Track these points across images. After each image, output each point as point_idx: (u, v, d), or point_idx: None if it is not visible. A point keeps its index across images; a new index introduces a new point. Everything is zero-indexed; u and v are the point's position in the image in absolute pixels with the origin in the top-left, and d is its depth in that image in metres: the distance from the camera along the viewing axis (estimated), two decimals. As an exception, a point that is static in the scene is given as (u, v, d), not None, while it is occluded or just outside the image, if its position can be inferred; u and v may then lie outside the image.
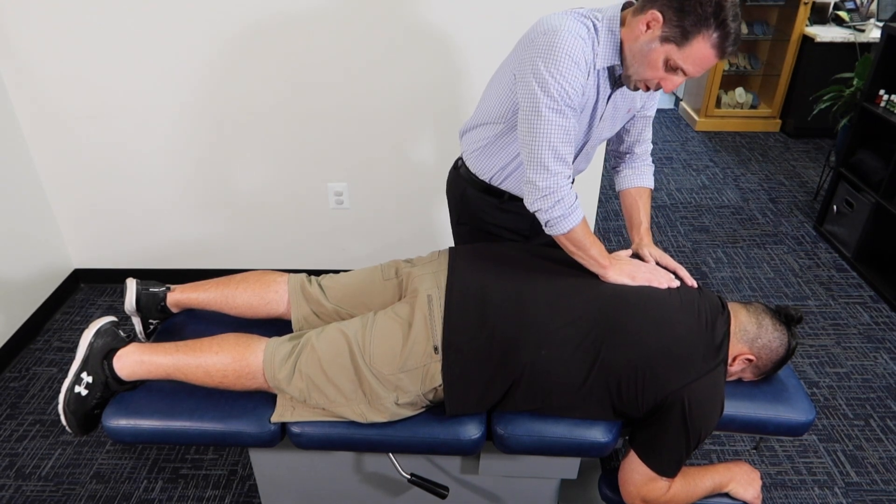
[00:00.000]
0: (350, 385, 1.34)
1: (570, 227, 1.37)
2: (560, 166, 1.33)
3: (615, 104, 1.46)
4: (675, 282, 1.42)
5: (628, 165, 1.67)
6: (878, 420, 2.17)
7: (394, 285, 1.52)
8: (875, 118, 2.89)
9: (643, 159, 1.66)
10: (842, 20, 4.25)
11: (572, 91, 1.28)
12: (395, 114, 2.42)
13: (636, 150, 1.65)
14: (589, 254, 1.39)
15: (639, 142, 1.64)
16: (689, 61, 1.21)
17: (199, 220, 2.66)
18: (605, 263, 1.40)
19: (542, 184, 1.34)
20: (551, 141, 1.31)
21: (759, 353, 1.38)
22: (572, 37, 1.26)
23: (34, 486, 1.91)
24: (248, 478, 1.94)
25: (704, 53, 1.19)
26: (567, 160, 1.34)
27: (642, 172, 1.66)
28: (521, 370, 1.31)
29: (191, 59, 2.30)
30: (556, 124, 1.30)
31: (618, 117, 1.51)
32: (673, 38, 1.20)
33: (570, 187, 1.37)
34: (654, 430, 1.30)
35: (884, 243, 2.91)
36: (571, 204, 1.36)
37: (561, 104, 1.28)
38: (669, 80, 1.27)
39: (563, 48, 1.25)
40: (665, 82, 1.27)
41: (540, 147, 1.31)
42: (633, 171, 1.66)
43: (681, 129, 4.66)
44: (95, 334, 1.42)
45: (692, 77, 1.27)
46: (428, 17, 2.24)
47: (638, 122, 1.60)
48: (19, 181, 2.45)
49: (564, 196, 1.35)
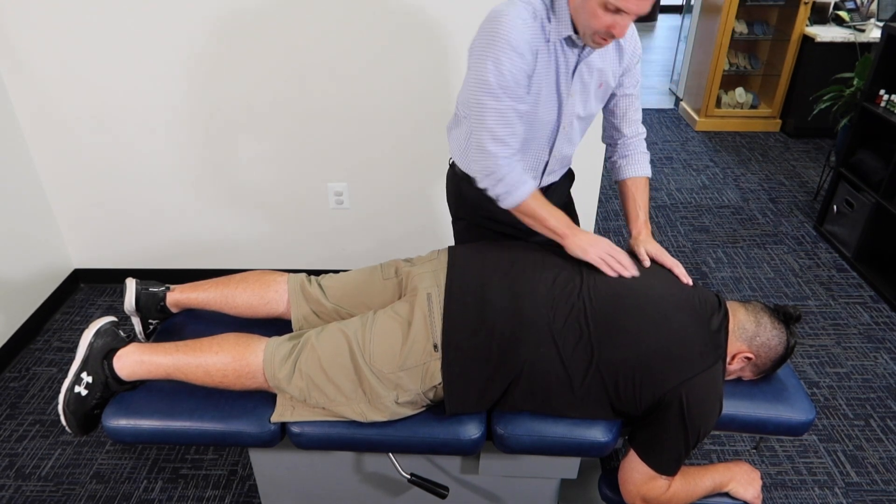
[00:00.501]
0: (350, 384, 1.34)
1: (517, 201, 1.43)
2: (497, 147, 1.40)
3: (582, 78, 1.45)
4: (627, 271, 1.40)
5: (621, 154, 1.65)
6: (879, 420, 2.17)
7: (393, 284, 1.52)
8: (875, 118, 2.89)
9: (635, 146, 1.64)
10: (842, 20, 4.25)
11: (510, 75, 1.33)
12: (395, 114, 2.42)
13: (625, 132, 1.63)
14: (546, 224, 1.44)
15: (625, 122, 1.62)
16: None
17: (198, 220, 2.66)
18: (562, 233, 1.43)
19: (483, 163, 1.42)
20: (488, 124, 1.37)
21: (758, 351, 1.38)
22: (511, 22, 1.31)
23: (34, 486, 1.91)
24: (248, 478, 1.94)
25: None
26: (507, 141, 1.40)
27: (636, 161, 1.63)
28: (521, 368, 1.31)
29: (190, 60, 2.30)
30: (491, 108, 1.36)
31: (589, 93, 1.50)
32: None
33: (510, 165, 1.42)
34: (653, 429, 1.30)
35: (884, 243, 2.91)
36: (514, 181, 1.42)
37: (496, 89, 1.33)
38: (616, 24, 1.27)
39: (501, 34, 1.31)
40: (614, 28, 1.28)
41: (478, 130, 1.39)
42: (626, 161, 1.64)
43: (681, 129, 4.66)
44: (95, 334, 1.42)
45: (636, 13, 1.26)
46: (428, 17, 2.24)
47: (621, 102, 1.59)
48: (19, 181, 2.45)
49: (505, 174, 1.41)
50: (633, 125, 1.63)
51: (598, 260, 1.40)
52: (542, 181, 1.65)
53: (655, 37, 7.29)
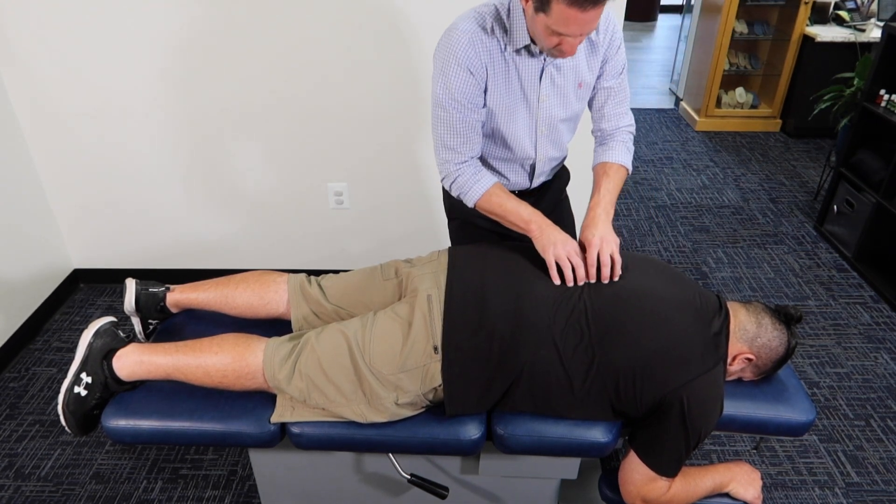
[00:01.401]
0: (350, 385, 1.34)
1: (473, 200, 1.49)
2: (448, 154, 1.48)
3: (553, 81, 1.45)
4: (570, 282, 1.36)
5: (599, 143, 1.61)
6: (879, 420, 2.16)
7: (393, 285, 1.51)
8: (875, 118, 2.89)
9: (614, 137, 1.58)
10: (842, 20, 4.25)
11: (458, 92, 1.39)
12: (395, 114, 2.42)
13: (602, 126, 1.58)
14: (507, 219, 1.47)
15: (602, 117, 1.57)
16: (562, 25, 1.22)
17: (198, 220, 2.66)
18: (528, 228, 1.43)
19: (440, 167, 1.52)
20: (438, 132, 1.46)
21: (759, 352, 1.38)
22: (460, 40, 1.36)
23: (34, 486, 1.91)
24: (248, 478, 1.94)
25: (567, 13, 1.20)
26: (457, 149, 1.47)
27: (611, 148, 1.57)
28: (521, 370, 1.31)
29: (191, 60, 2.30)
30: (440, 118, 1.44)
31: (566, 94, 1.49)
32: (540, 8, 1.23)
33: (461, 169, 1.49)
34: (653, 430, 1.30)
35: (884, 243, 2.91)
36: (465, 182, 1.49)
37: (445, 103, 1.41)
38: (565, 42, 1.27)
39: (450, 52, 1.37)
40: (563, 46, 1.28)
41: (434, 136, 1.48)
42: (602, 149, 1.59)
43: (681, 129, 4.66)
44: (95, 334, 1.42)
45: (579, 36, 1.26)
46: (428, 18, 2.24)
47: (599, 95, 1.56)
48: (19, 181, 2.45)
49: (457, 177, 1.49)
50: (611, 119, 1.58)
51: (550, 261, 1.38)
52: (533, 183, 1.65)
53: (655, 37, 7.29)
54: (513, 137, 1.51)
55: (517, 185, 1.64)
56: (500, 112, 1.46)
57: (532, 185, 1.66)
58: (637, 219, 3.45)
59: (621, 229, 3.34)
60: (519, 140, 1.52)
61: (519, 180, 1.63)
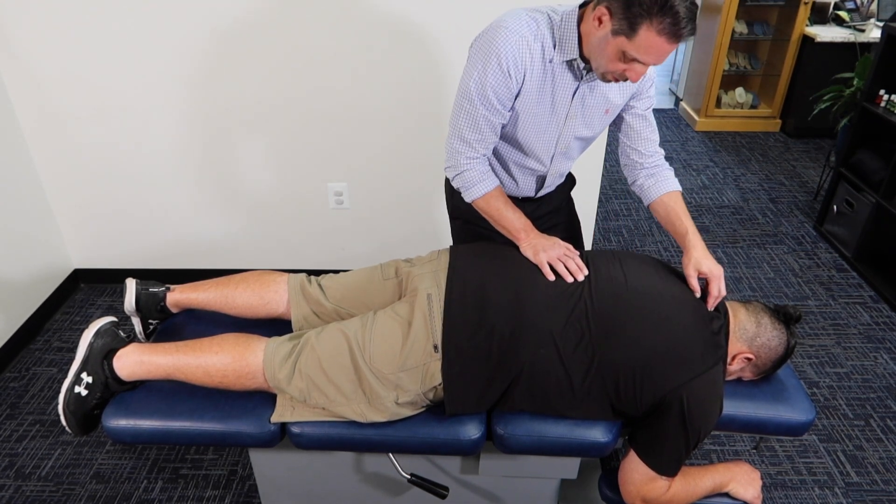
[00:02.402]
0: (350, 385, 1.34)
1: (472, 198, 1.51)
2: (463, 146, 1.46)
3: (584, 101, 1.44)
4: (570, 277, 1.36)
5: (647, 175, 1.59)
6: (879, 420, 2.16)
7: (393, 285, 1.52)
8: (875, 118, 2.89)
9: (658, 165, 1.59)
10: (842, 20, 4.25)
11: (490, 90, 1.36)
12: (395, 114, 2.42)
13: (644, 151, 1.58)
14: (501, 223, 1.49)
15: (642, 141, 1.57)
16: (642, 51, 1.20)
17: (199, 220, 2.66)
18: (517, 234, 1.46)
19: (449, 155, 1.50)
20: (459, 124, 1.44)
21: (759, 351, 1.38)
22: (508, 38, 1.31)
23: (34, 486, 1.91)
24: (248, 478, 1.94)
25: (655, 42, 1.18)
26: (473, 144, 1.46)
27: (664, 178, 1.57)
28: (520, 369, 1.31)
29: (190, 60, 2.30)
30: (466, 112, 1.42)
31: (593, 116, 1.49)
32: (622, 30, 1.20)
33: (471, 164, 1.48)
34: (653, 430, 1.30)
35: (884, 243, 2.91)
36: (472, 178, 1.49)
37: (475, 97, 1.38)
38: (632, 69, 1.26)
39: (494, 48, 1.32)
40: (629, 73, 1.27)
41: (453, 125, 1.46)
42: (654, 181, 1.58)
43: (681, 129, 4.66)
44: (95, 334, 1.42)
45: (654, 64, 1.25)
46: (429, 18, 2.24)
47: (634, 123, 1.55)
48: (19, 181, 2.45)
49: (464, 171, 1.49)
50: (651, 144, 1.58)
51: (544, 264, 1.40)
52: (540, 193, 1.66)
53: (655, 37, 7.28)
54: (531, 147, 1.51)
55: (524, 192, 1.65)
56: (526, 119, 1.44)
57: (537, 194, 1.67)
58: (637, 219, 3.46)
59: (621, 229, 3.34)
60: (537, 151, 1.52)
61: (527, 188, 1.64)
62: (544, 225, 1.75)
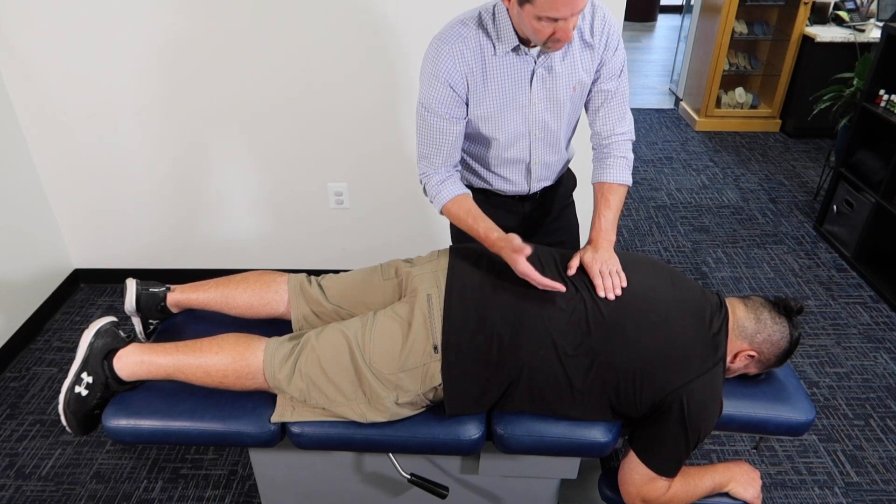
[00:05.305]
0: (350, 385, 1.34)
1: (438, 207, 1.53)
2: (421, 160, 1.53)
3: (543, 83, 1.44)
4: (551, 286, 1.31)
5: (596, 157, 1.57)
6: (878, 420, 2.17)
7: (393, 285, 1.52)
8: (875, 118, 2.89)
9: (612, 149, 1.54)
10: (842, 20, 4.25)
11: (437, 103, 1.42)
12: (395, 114, 2.42)
13: (598, 131, 1.54)
14: (473, 233, 1.46)
15: (598, 120, 1.53)
16: (548, 8, 1.21)
17: (199, 221, 2.66)
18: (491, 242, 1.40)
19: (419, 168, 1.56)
20: (418, 141, 1.51)
21: (761, 347, 1.38)
22: (440, 52, 1.38)
23: (34, 486, 1.91)
24: (248, 478, 1.94)
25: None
26: (429, 158, 1.50)
27: (610, 166, 1.53)
28: (520, 370, 1.31)
29: (191, 60, 2.30)
30: (420, 127, 1.48)
31: (559, 97, 1.47)
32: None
33: (429, 176, 1.52)
34: (653, 431, 1.30)
35: (884, 243, 2.91)
36: (433, 189, 1.52)
37: (424, 112, 1.45)
38: (558, 29, 1.26)
39: (433, 67, 1.39)
40: (558, 33, 1.27)
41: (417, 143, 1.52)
42: (599, 165, 1.55)
43: (681, 129, 4.66)
44: (95, 334, 1.42)
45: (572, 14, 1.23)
46: (429, 18, 2.24)
47: (595, 98, 1.52)
48: (19, 181, 2.45)
49: (426, 182, 1.54)
50: (607, 123, 1.53)
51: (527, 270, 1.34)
52: (532, 187, 1.64)
53: (655, 37, 7.29)
54: (507, 140, 1.51)
55: (517, 189, 1.64)
56: (492, 116, 1.46)
57: (531, 189, 1.65)
58: (637, 219, 3.46)
59: (621, 229, 3.34)
60: (513, 143, 1.52)
61: (519, 182, 1.63)
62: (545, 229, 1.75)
